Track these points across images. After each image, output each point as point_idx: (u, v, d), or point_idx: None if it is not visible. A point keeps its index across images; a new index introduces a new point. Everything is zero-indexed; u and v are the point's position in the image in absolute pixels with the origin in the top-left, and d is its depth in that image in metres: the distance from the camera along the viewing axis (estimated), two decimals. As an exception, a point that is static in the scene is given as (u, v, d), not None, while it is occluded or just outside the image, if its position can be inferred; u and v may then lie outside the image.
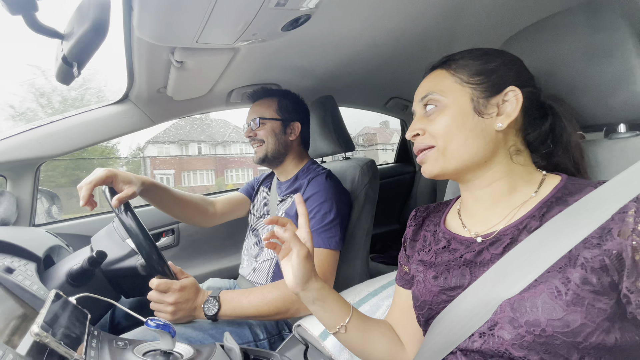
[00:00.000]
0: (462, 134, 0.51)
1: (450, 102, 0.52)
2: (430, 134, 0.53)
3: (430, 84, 0.56)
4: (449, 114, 0.52)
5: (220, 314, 0.79)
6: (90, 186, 0.79)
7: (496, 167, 0.52)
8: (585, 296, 0.40)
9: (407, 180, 2.26)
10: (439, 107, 0.53)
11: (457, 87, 0.53)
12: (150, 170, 10.09)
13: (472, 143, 0.51)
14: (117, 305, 0.69)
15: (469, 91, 0.52)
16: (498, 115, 0.51)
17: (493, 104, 0.52)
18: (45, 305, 0.54)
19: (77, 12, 0.51)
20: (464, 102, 0.52)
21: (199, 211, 1.12)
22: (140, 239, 0.74)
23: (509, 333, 0.43)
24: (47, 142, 1.10)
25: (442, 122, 0.52)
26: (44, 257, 0.86)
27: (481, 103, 0.51)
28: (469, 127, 0.51)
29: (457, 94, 0.52)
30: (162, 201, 1.02)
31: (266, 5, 0.64)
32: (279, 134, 1.06)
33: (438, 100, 0.53)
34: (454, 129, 0.51)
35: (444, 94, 0.53)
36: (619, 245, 0.39)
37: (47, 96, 8.98)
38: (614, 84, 0.56)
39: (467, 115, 0.51)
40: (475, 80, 0.52)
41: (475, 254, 0.51)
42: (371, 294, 0.87)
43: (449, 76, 0.54)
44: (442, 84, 0.54)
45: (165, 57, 0.85)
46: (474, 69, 0.53)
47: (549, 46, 0.62)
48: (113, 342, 0.62)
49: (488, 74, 0.52)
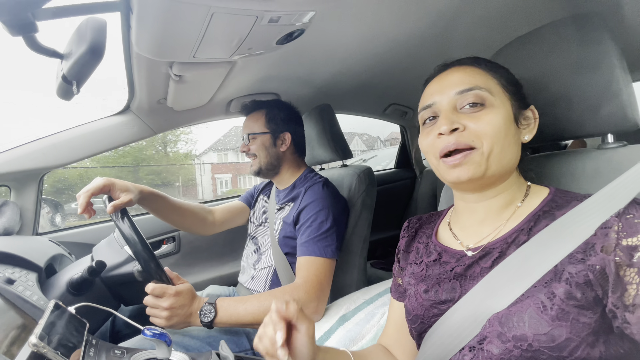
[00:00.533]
0: (507, 139, 0.48)
1: (498, 104, 0.49)
2: (475, 132, 0.47)
3: (471, 78, 0.50)
4: (500, 115, 0.48)
5: (217, 321, 0.80)
6: (88, 195, 0.80)
7: (510, 179, 0.53)
8: (570, 311, 0.40)
9: (407, 186, 2.26)
10: (487, 106, 0.48)
11: (500, 90, 0.50)
12: (211, 175, 10.90)
13: (512, 150, 0.49)
14: (116, 314, 0.71)
15: (510, 97, 0.51)
16: (524, 128, 0.52)
17: (524, 116, 0.52)
18: (44, 315, 0.56)
19: (75, 33, 0.53)
20: (509, 107, 0.50)
21: (198, 219, 1.13)
22: (136, 244, 0.76)
23: (497, 347, 0.44)
24: (51, 153, 1.12)
25: (493, 123, 0.47)
26: (46, 266, 0.88)
27: (518, 112, 0.51)
28: (512, 133, 0.49)
29: (502, 97, 0.50)
30: (161, 209, 1.04)
31: (259, 22, 0.66)
32: (269, 147, 1.07)
33: (485, 98, 0.48)
34: (503, 133, 0.47)
35: (492, 92, 0.49)
36: (602, 261, 0.40)
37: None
38: (600, 95, 0.57)
39: (511, 121, 0.49)
40: (512, 89, 0.51)
41: (466, 268, 0.51)
42: (367, 302, 0.88)
43: (490, 77, 0.51)
44: (487, 82, 0.50)
45: (164, 70, 0.87)
46: (507, 77, 0.53)
47: (537, 57, 0.63)
48: (111, 351, 0.63)
49: (518, 86, 0.53)
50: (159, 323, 0.78)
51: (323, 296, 0.86)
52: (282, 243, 1.01)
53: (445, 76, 0.53)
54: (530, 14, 0.85)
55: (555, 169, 0.64)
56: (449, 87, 0.51)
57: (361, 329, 0.79)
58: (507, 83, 0.52)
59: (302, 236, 0.93)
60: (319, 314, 0.84)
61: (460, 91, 0.49)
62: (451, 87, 0.50)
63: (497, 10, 0.86)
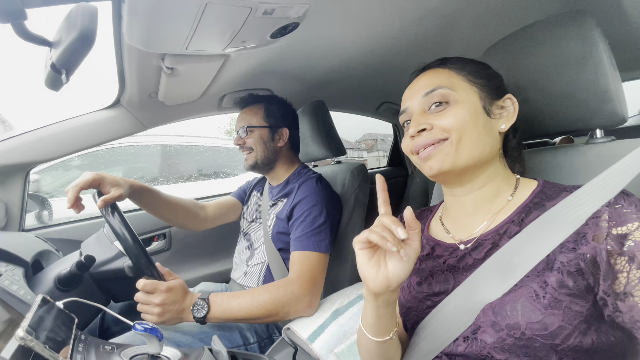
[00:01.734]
0: (477, 129, 0.51)
1: (462, 98, 0.52)
2: (442, 127, 0.51)
3: (435, 79, 0.54)
4: (464, 108, 0.51)
5: (209, 317, 0.79)
6: (77, 189, 0.79)
7: (490, 169, 0.54)
8: (562, 299, 0.41)
9: (400, 184, 2.28)
10: (451, 103, 0.52)
11: (466, 84, 0.53)
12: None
13: (484, 140, 0.51)
14: (105, 309, 0.69)
15: (477, 90, 0.53)
16: (500, 116, 0.54)
17: (496, 106, 0.54)
18: (32, 309, 0.54)
19: (65, 20, 0.51)
20: (475, 99, 0.52)
21: (189, 215, 1.12)
22: (126, 239, 0.74)
23: (491, 336, 0.44)
24: (38, 147, 1.10)
25: (457, 116, 0.50)
26: (33, 261, 0.86)
27: (488, 103, 0.53)
28: (481, 123, 0.51)
29: (467, 90, 0.53)
30: (152, 204, 1.03)
31: (253, 14, 0.66)
32: (267, 141, 1.07)
33: (448, 95, 0.52)
34: (470, 123, 0.50)
35: (454, 88, 0.52)
36: (593, 250, 0.41)
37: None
38: (589, 91, 0.58)
39: (479, 113, 0.52)
40: (479, 82, 0.54)
41: (458, 259, 0.52)
42: (360, 297, 0.88)
43: (454, 74, 0.54)
44: (450, 79, 0.53)
45: (155, 63, 0.86)
46: (476, 72, 0.54)
47: (527, 54, 0.64)
48: (100, 347, 0.62)
49: (488, 78, 0.54)
50: (150, 320, 0.77)
51: (317, 291, 0.86)
52: (275, 239, 1.01)
53: (415, 82, 0.57)
54: (523, 11, 0.87)
55: (544, 163, 0.65)
56: (417, 92, 0.55)
57: (354, 323, 0.79)
58: (475, 77, 0.54)
59: (296, 231, 0.93)
60: (312, 308, 0.84)
61: (425, 93, 0.54)
62: (419, 91, 0.55)
63: (490, 9, 0.88)
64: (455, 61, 0.56)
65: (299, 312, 0.83)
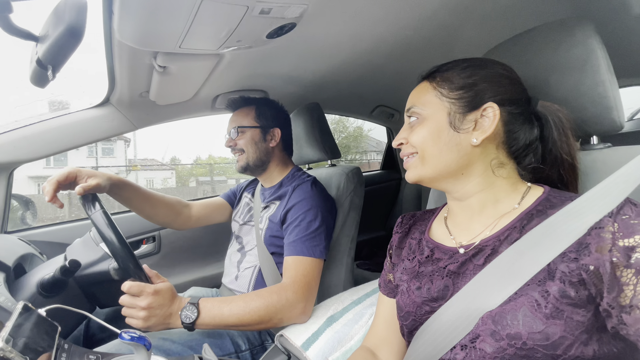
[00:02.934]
0: (437, 146, 0.53)
1: (428, 115, 0.54)
2: (411, 143, 0.56)
3: (414, 97, 0.58)
4: (426, 127, 0.54)
5: (199, 323, 0.76)
6: (53, 182, 0.80)
7: (476, 180, 0.53)
8: (564, 309, 0.40)
9: (393, 187, 2.28)
10: (419, 120, 0.55)
11: (436, 101, 0.54)
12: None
13: (446, 156, 0.53)
14: (90, 316, 0.66)
15: (447, 105, 0.53)
16: (474, 130, 0.52)
17: (470, 119, 0.52)
18: (12, 317, 0.52)
19: (52, 14, 0.49)
20: (441, 116, 0.53)
21: (171, 212, 1.10)
22: (112, 239, 0.72)
23: (490, 346, 0.43)
24: (23, 146, 1.06)
25: (420, 134, 0.55)
26: (15, 265, 0.82)
27: (457, 118, 0.52)
28: (443, 140, 0.53)
29: (435, 108, 0.54)
30: (132, 199, 1.00)
31: (250, 13, 0.64)
32: (258, 141, 1.05)
33: (419, 114, 0.56)
34: (430, 142, 0.54)
35: (424, 107, 0.55)
36: (596, 261, 0.40)
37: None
38: (587, 97, 0.58)
39: (443, 130, 0.53)
40: (454, 95, 0.53)
41: (459, 265, 0.51)
42: (355, 302, 0.87)
43: (431, 89, 0.56)
44: (424, 97, 0.56)
45: (147, 61, 0.84)
46: (456, 82, 0.53)
47: (525, 59, 0.64)
48: (85, 356, 0.59)
49: (468, 88, 0.53)
50: (135, 324, 0.73)
51: (311, 297, 0.85)
52: (268, 242, 0.99)
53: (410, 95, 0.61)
54: (520, 17, 0.87)
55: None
56: (406, 107, 0.60)
57: (349, 330, 0.78)
58: (450, 90, 0.53)
59: (290, 235, 0.91)
60: (306, 314, 0.83)
61: (406, 110, 0.59)
62: (406, 106, 0.59)
63: (485, 16, 0.88)
64: (443, 71, 0.56)
65: (293, 318, 0.81)
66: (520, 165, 0.55)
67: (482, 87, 0.52)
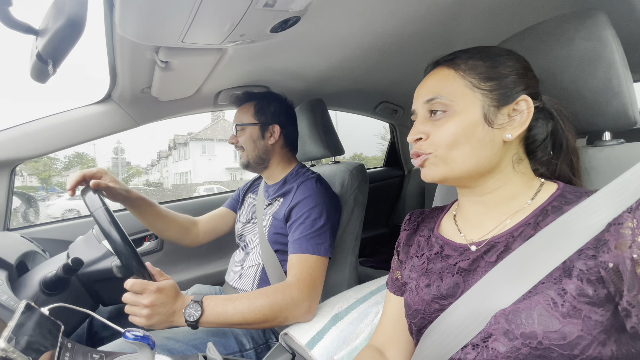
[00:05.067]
0: (470, 144, 0.48)
1: (460, 109, 0.49)
2: (432, 141, 0.50)
3: (437, 85, 0.51)
4: (458, 121, 0.49)
5: (203, 321, 0.75)
6: (79, 175, 0.84)
7: (497, 176, 0.51)
8: (582, 308, 0.39)
9: (396, 184, 2.26)
10: (448, 113, 0.49)
11: (467, 92, 0.49)
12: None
13: (479, 153, 0.49)
14: (93, 315, 0.66)
15: (480, 98, 0.49)
16: (507, 125, 0.49)
17: (504, 113, 0.49)
18: (14, 317, 0.51)
19: (52, 6, 0.48)
20: (475, 109, 0.49)
21: (181, 230, 1.12)
22: (114, 236, 0.71)
23: (504, 345, 0.42)
24: (24, 143, 1.05)
25: (449, 130, 0.49)
26: (17, 263, 0.82)
27: (492, 112, 0.49)
28: (477, 137, 0.48)
29: (467, 100, 0.49)
30: (145, 214, 1.04)
31: (254, 6, 0.63)
32: (257, 139, 1.05)
33: (447, 105, 0.49)
34: (462, 139, 0.48)
35: (453, 98, 0.49)
36: (616, 258, 0.38)
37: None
38: (600, 91, 0.56)
39: (477, 125, 0.48)
40: (486, 86, 0.49)
41: (470, 262, 0.50)
42: (359, 301, 0.86)
43: (458, 78, 0.50)
44: (452, 86, 0.50)
45: (149, 56, 0.82)
46: (485, 72, 0.50)
47: (536, 53, 0.63)
48: (88, 355, 0.58)
49: (499, 80, 0.49)
50: (138, 322, 0.72)
51: (316, 295, 0.84)
52: (271, 240, 0.98)
53: (423, 82, 0.55)
54: (531, 10, 0.85)
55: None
56: (421, 96, 0.53)
57: (355, 329, 0.77)
58: (482, 80, 0.49)
59: (295, 233, 0.90)
60: (311, 313, 0.82)
61: (426, 101, 0.52)
62: (423, 95, 0.53)
63: (496, 6, 0.86)
64: (466, 58, 0.51)
65: (298, 317, 0.80)
66: (533, 160, 0.54)
67: (513, 79, 0.50)
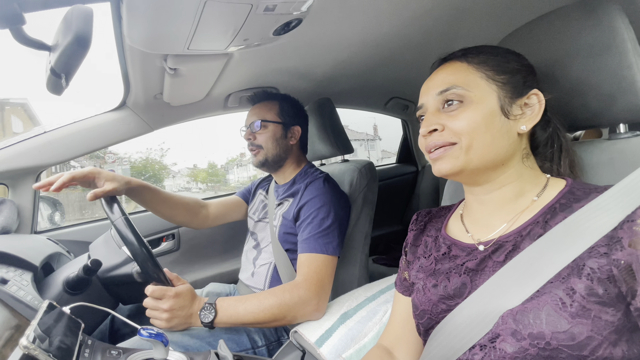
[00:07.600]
0: (490, 133, 0.48)
1: (477, 98, 0.49)
2: (453, 130, 0.49)
3: (451, 77, 0.51)
4: (477, 110, 0.48)
5: (217, 322, 0.79)
6: (68, 176, 0.81)
7: (510, 171, 0.51)
8: (591, 307, 0.38)
9: (409, 181, 2.23)
10: (465, 103, 0.49)
11: (483, 83, 0.49)
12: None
13: (498, 143, 0.48)
14: (113, 313, 0.69)
15: (496, 89, 0.49)
16: (521, 117, 0.50)
17: (518, 105, 0.50)
18: (37, 316, 0.54)
19: (62, 23, 0.50)
20: (492, 99, 0.49)
21: (190, 212, 1.13)
22: (134, 245, 0.74)
23: (511, 346, 0.42)
24: (47, 150, 1.11)
25: (469, 119, 0.48)
26: (43, 264, 0.87)
27: (507, 103, 0.49)
28: (496, 126, 0.48)
29: (484, 90, 0.49)
30: (150, 201, 1.03)
31: (255, 11, 0.64)
32: (279, 138, 1.05)
33: (463, 96, 0.49)
34: (483, 127, 0.48)
35: (469, 88, 0.49)
36: (629, 256, 0.37)
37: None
38: (613, 83, 0.54)
39: (495, 114, 0.48)
40: (500, 78, 0.50)
41: (478, 262, 0.49)
42: (369, 299, 0.86)
43: (473, 70, 0.50)
44: (467, 77, 0.50)
45: (158, 64, 0.85)
46: (498, 66, 0.50)
47: (545, 45, 0.60)
48: (107, 352, 0.62)
49: (512, 73, 0.50)
50: (159, 325, 0.77)
51: (324, 294, 0.85)
52: (282, 239, 1.00)
53: (433, 76, 0.54)
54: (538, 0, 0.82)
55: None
56: (433, 88, 0.53)
57: (363, 327, 0.77)
58: (496, 73, 0.50)
59: (303, 233, 0.91)
60: (320, 312, 0.83)
61: (440, 92, 0.51)
62: (434, 87, 0.52)
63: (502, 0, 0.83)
64: (477, 53, 0.52)
65: (307, 315, 0.82)
66: (538, 156, 0.54)
67: (524, 75, 0.51)
